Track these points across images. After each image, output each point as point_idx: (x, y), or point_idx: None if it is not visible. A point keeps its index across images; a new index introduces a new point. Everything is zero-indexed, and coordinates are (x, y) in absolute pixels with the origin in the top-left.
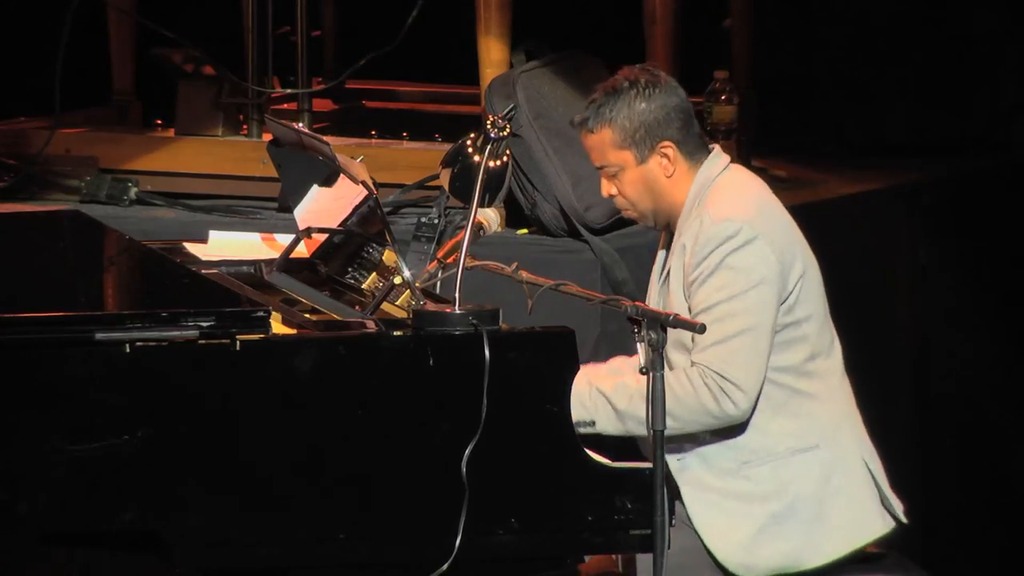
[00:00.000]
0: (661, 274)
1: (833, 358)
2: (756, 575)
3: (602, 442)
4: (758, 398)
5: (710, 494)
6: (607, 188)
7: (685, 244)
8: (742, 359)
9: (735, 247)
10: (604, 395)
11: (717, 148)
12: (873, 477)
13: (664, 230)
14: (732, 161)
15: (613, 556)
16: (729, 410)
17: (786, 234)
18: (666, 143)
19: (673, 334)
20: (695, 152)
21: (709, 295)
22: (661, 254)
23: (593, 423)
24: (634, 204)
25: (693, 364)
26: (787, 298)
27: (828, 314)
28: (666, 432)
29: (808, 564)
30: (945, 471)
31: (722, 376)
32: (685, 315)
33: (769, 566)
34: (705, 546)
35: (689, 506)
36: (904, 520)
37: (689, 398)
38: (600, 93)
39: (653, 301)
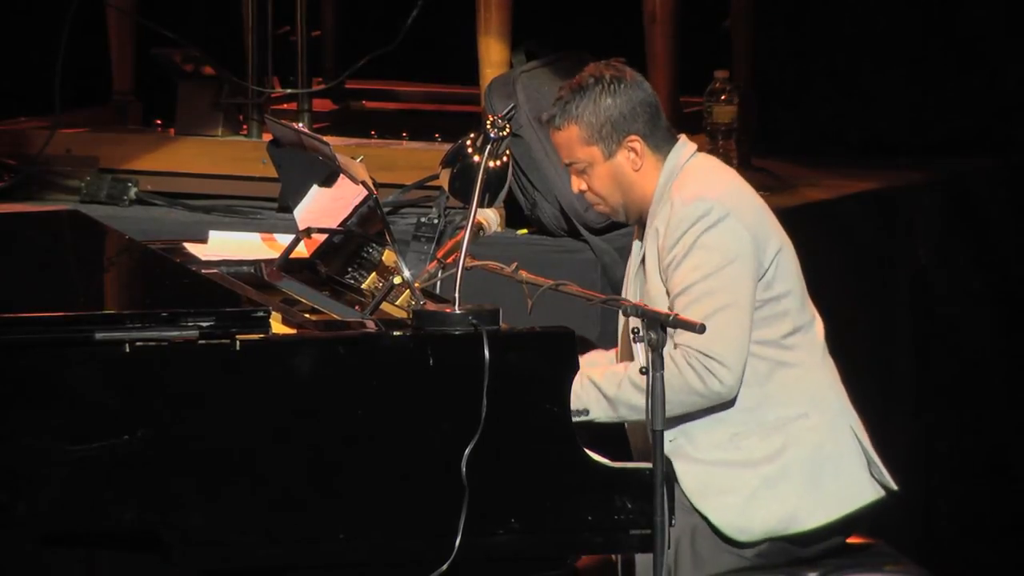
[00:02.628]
0: (637, 263)
1: (814, 334)
2: (751, 538)
3: (602, 442)
4: (743, 374)
5: (702, 465)
6: (576, 184)
7: (658, 228)
8: (724, 336)
9: (708, 225)
10: (595, 383)
11: (683, 137)
12: (862, 446)
13: (638, 224)
14: (731, 161)
15: (613, 556)
16: (715, 387)
17: (757, 212)
18: (633, 137)
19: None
20: (662, 145)
21: (686, 276)
22: (636, 244)
23: (587, 411)
24: (604, 199)
25: (676, 346)
26: (764, 274)
27: (806, 291)
28: None
29: (801, 527)
30: (945, 469)
31: (705, 355)
32: (663, 298)
33: (763, 529)
34: (701, 515)
35: (682, 478)
36: (895, 488)
37: (675, 379)
38: (566, 90)
39: (630, 291)
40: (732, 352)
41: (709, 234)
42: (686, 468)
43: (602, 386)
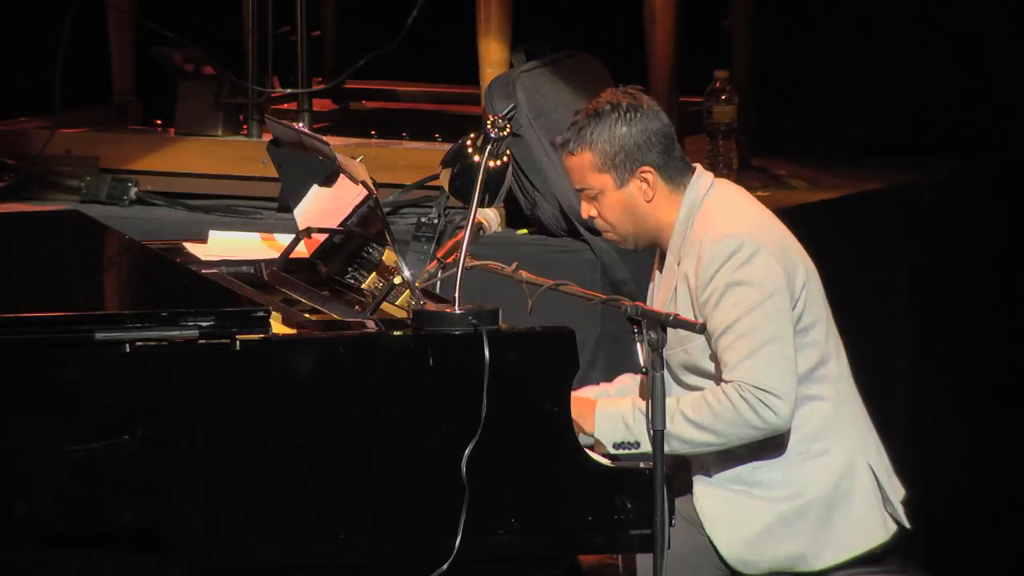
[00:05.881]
0: (667, 296)
1: (840, 363)
2: (756, 572)
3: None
4: (795, 404)
5: (720, 490)
6: (587, 210)
7: (687, 272)
8: (774, 367)
9: (741, 262)
10: (646, 417)
11: (699, 168)
12: (878, 482)
13: (656, 254)
14: (731, 161)
15: (613, 556)
16: (770, 419)
17: (784, 243)
18: (646, 168)
19: (689, 359)
20: (676, 176)
21: (727, 313)
22: (656, 275)
23: (638, 444)
24: (614, 227)
25: (728, 382)
26: (795, 305)
27: (832, 320)
28: (709, 449)
29: (808, 567)
30: (945, 471)
31: (759, 388)
32: (699, 339)
33: (770, 565)
34: (709, 539)
35: (698, 499)
36: (906, 524)
37: (729, 413)
38: (582, 116)
39: None
40: (784, 382)
41: (743, 270)
42: (704, 490)
43: None
